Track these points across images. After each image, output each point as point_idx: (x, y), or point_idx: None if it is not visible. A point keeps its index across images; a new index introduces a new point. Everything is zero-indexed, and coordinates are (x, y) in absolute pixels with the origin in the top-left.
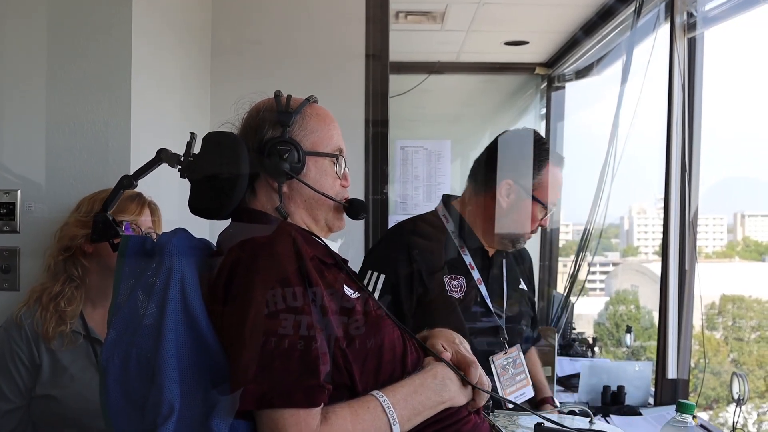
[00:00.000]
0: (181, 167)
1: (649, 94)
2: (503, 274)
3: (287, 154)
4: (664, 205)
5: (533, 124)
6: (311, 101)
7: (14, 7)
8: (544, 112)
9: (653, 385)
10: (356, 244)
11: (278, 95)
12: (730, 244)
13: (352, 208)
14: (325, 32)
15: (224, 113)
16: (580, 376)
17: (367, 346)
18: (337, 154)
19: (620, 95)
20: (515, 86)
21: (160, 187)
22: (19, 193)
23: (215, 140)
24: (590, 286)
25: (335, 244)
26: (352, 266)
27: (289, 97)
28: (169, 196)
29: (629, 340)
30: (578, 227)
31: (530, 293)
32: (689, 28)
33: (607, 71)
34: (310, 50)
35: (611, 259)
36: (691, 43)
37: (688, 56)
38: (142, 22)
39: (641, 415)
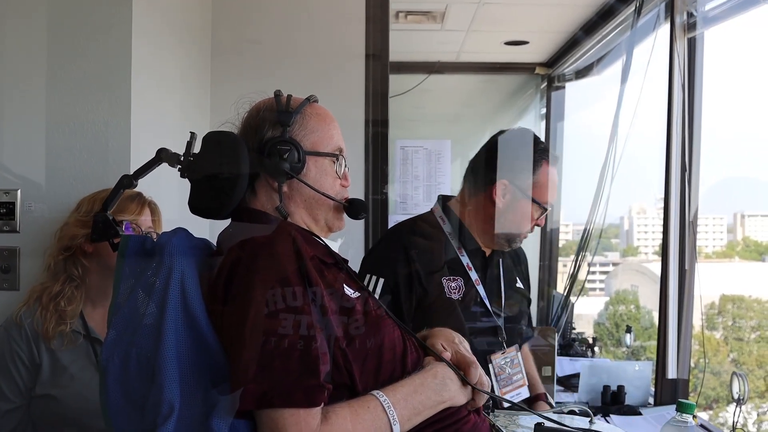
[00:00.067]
0: (181, 167)
1: (649, 94)
2: (501, 274)
3: (287, 153)
4: (664, 205)
5: (533, 124)
6: (311, 101)
7: (14, 7)
8: (544, 112)
9: (653, 384)
10: (356, 243)
11: (278, 95)
12: (730, 244)
13: (352, 207)
14: (325, 32)
15: (224, 113)
16: (580, 376)
17: (367, 345)
18: (337, 153)
19: (620, 95)
20: (515, 86)
21: (160, 186)
22: (19, 192)
23: (215, 140)
24: (590, 286)
25: (335, 243)
26: (351, 266)
27: (289, 96)
28: (169, 195)
29: (629, 340)
30: (578, 227)
31: (526, 292)
32: (689, 28)
33: (607, 71)
34: (310, 50)
35: (611, 259)
36: (691, 43)
37: (688, 56)
38: (142, 22)
39: (641, 414)
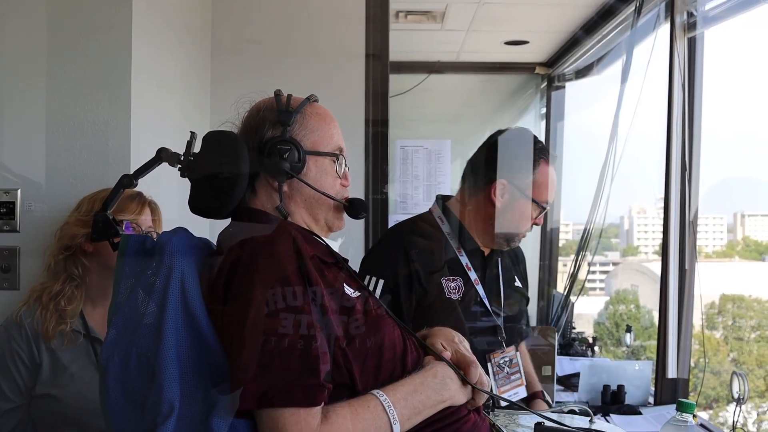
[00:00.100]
0: (181, 166)
1: (649, 93)
2: (500, 273)
3: (287, 153)
4: (664, 204)
5: (533, 123)
6: (311, 100)
7: (14, 7)
8: (544, 111)
9: (653, 384)
10: (356, 243)
11: (278, 94)
12: (730, 243)
13: (352, 207)
14: (325, 32)
15: (224, 113)
16: (580, 375)
17: (367, 345)
18: (337, 153)
19: (620, 95)
20: (515, 86)
21: (160, 186)
22: (19, 192)
23: (215, 139)
24: (590, 285)
25: (335, 243)
26: (352, 265)
27: (289, 96)
28: (169, 195)
29: (629, 339)
30: (578, 227)
31: (525, 291)
32: (689, 27)
33: (607, 71)
34: (310, 50)
35: (611, 258)
36: (691, 42)
37: (688, 56)
38: (142, 22)
39: (641, 414)
